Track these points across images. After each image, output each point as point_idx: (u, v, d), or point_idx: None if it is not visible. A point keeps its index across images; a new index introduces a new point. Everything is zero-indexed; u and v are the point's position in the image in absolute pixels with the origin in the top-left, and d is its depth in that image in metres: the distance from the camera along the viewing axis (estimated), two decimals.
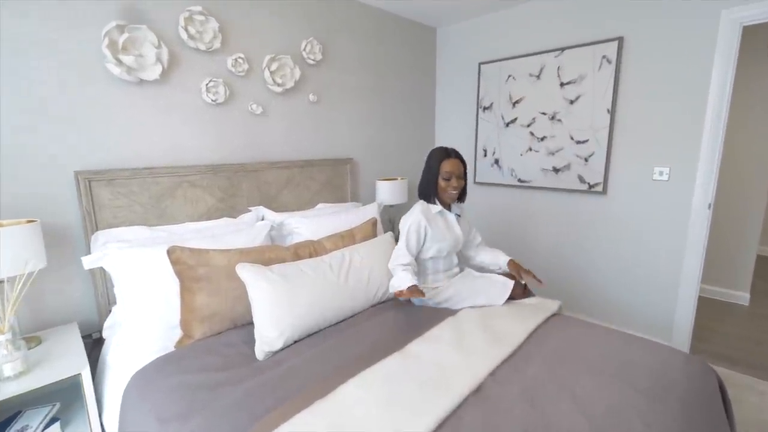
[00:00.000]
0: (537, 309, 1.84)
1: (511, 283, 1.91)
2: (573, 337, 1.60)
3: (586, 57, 2.63)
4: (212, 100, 2.15)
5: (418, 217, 1.93)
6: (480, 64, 3.19)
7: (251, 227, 2.06)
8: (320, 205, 2.66)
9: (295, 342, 1.56)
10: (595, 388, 1.25)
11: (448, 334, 1.56)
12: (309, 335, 1.61)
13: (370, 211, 2.57)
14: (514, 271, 2.02)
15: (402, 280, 1.77)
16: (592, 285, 2.85)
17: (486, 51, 3.16)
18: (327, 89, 2.72)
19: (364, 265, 1.91)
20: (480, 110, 3.24)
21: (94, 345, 1.80)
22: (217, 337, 1.57)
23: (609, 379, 1.30)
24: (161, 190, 1.99)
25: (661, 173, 2.45)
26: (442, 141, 3.56)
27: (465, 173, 2.00)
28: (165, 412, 1.16)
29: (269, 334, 1.49)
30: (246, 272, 1.55)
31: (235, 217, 2.23)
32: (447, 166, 1.93)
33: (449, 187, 1.94)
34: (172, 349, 1.54)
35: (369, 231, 2.30)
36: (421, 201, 2.01)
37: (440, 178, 1.95)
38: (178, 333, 1.60)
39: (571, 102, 2.73)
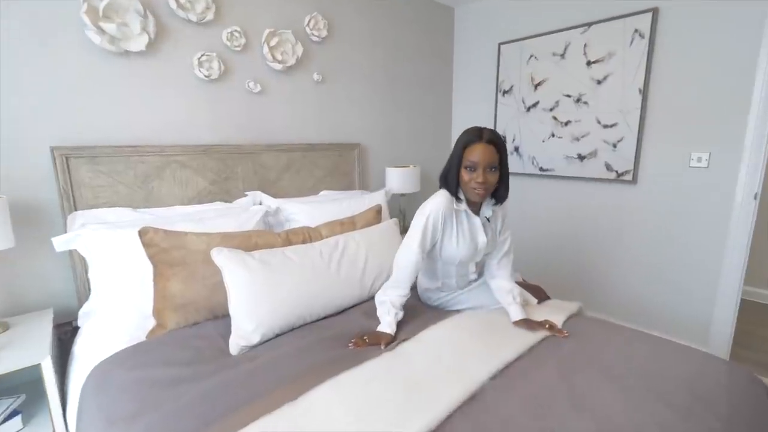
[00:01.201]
0: (553, 309, 1.63)
1: (534, 300, 1.71)
2: (593, 340, 1.39)
3: (615, 32, 2.38)
4: (205, 76, 2.02)
5: (438, 207, 1.48)
6: (500, 44, 2.96)
7: (243, 212, 1.92)
8: (324, 193, 2.50)
9: (277, 336, 1.41)
10: (616, 400, 1.05)
11: (446, 334, 1.39)
12: (292, 329, 1.46)
13: (377, 199, 2.40)
14: (527, 329, 1.49)
15: (383, 324, 1.44)
16: (619, 284, 2.60)
17: (506, 30, 2.92)
18: (333, 69, 2.56)
19: (360, 253, 1.74)
20: (499, 94, 3.01)
21: (73, 333, 1.70)
22: (192, 328, 1.44)
23: (634, 391, 1.09)
24: (148, 169, 1.87)
25: (699, 159, 2.18)
26: (459, 127, 3.34)
27: (503, 164, 1.44)
28: (115, 412, 1.03)
29: (245, 327, 1.34)
30: (222, 257, 1.40)
31: (230, 202, 2.10)
32: (473, 153, 1.39)
33: (472, 181, 1.41)
34: (143, 339, 1.41)
35: (372, 218, 2.13)
36: (444, 192, 1.52)
37: (462, 167, 1.44)
38: (152, 323, 1.47)
39: (599, 82, 2.48)
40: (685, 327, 2.35)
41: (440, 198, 1.49)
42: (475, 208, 1.57)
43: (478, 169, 1.40)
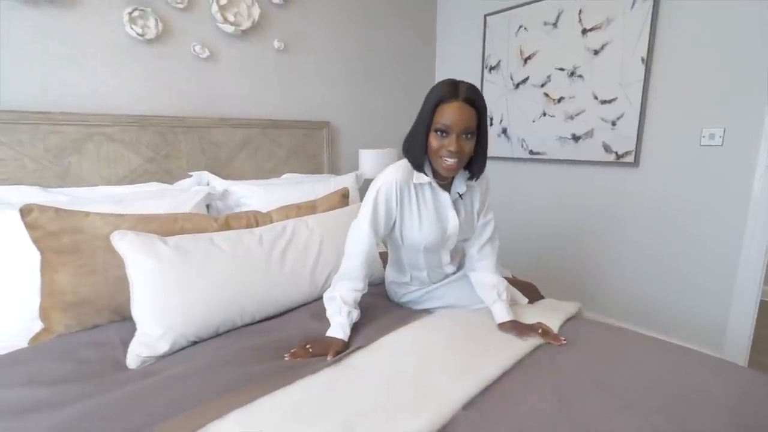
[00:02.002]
0: (547, 311, 1.34)
1: (524, 300, 1.43)
2: (596, 350, 1.11)
3: None
4: (139, 35, 1.71)
5: (392, 179, 1.21)
6: (486, 15, 2.68)
7: (180, 193, 1.62)
8: (287, 176, 2.20)
9: (193, 344, 1.11)
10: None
11: (412, 342, 1.10)
12: (216, 335, 1.15)
13: (345, 182, 2.10)
14: (515, 334, 1.20)
15: (333, 326, 1.15)
16: (620, 281, 2.32)
17: (492, 0, 2.64)
18: (298, 37, 2.25)
19: (312, 241, 1.45)
20: (485, 70, 2.73)
21: None
22: (88, 333, 1.13)
23: (655, 417, 0.81)
24: (63, 142, 1.56)
25: (712, 136, 1.91)
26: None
27: (481, 129, 1.16)
28: None
29: (151, 332, 1.04)
30: (125, 242, 1.10)
31: (170, 183, 1.79)
32: (445, 114, 1.10)
33: (443, 149, 1.13)
34: (24, 346, 1.10)
35: (336, 203, 1.83)
36: (405, 162, 1.26)
37: (432, 131, 1.15)
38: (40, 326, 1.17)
39: (596, 52, 2.21)
40: (697, 330, 2.07)
41: (394, 169, 1.23)
42: (445, 181, 1.28)
43: (452, 134, 1.11)
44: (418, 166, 1.22)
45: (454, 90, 1.12)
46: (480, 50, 2.75)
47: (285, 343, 1.12)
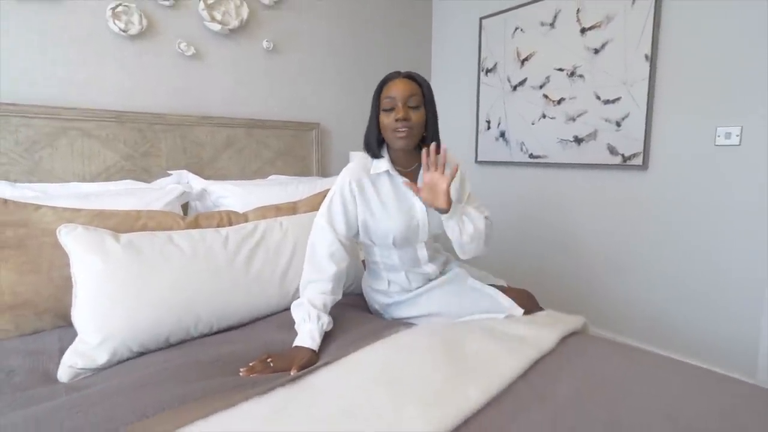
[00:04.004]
0: (546, 323, 1.18)
1: (519, 311, 1.25)
2: (604, 374, 0.95)
3: None
4: (122, 30, 1.68)
5: (346, 174, 1.23)
6: (481, 18, 2.61)
7: (152, 191, 1.55)
8: (273, 177, 2.12)
9: (139, 355, 1.01)
10: None
11: (382, 361, 0.94)
12: (167, 347, 1.05)
13: (332, 184, 2.00)
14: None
15: (300, 334, 1.06)
16: (628, 294, 2.15)
17: (488, 2, 2.57)
18: (287, 37, 2.21)
19: (285, 244, 1.35)
20: (482, 73, 2.65)
21: None
22: (24, 338, 1.04)
23: None
24: (34, 135, 1.52)
25: (728, 136, 1.76)
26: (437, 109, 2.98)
27: (428, 103, 1.22)
28: None
29: (89, 340, 0.95)
30: (71, 237, 1.02)
31: (148, 182, 1.73)
32: (389, 89, 1.18)
33: (392, 121, 1.16)
34: None
35: (319, 204, 1.71)
36: (359, 159, 1.30)
37: (381, 111, 1.20)
38: None
39: (596, 51, 2.11)
40: (723, 351, 1.83)
41: (347, 168, 1.27)
42: (407, 169, 1.28)
43: (398, 104, 1.17)
44: (374, 154, 1.25)
45: (395, 73, 1.23)
46: (476, 52, 2.67)
47: (243, 356, 1.00)
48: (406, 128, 1.16)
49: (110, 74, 1.70)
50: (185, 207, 1.71)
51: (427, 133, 1.24)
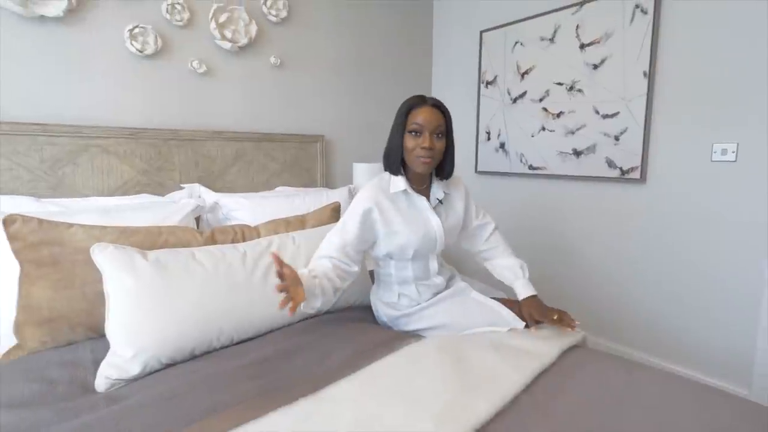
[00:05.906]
0: (547, 337, 1.24)
1: (520, 324, 1.31)
2: (604, 387, 1.00)
3: (612, 9, 2.08)
4: (138, 50, 1.76)
5: (367, 196, 1.29)
6: (482, 32, 2.68)
7: (168, 205, 1.62)
8: (280, 189, 2.20)
9: (166, 367, 1.08)
10: None
11: (396, 375, 0.99)
12: (192, 358, 1.12)
13: (338, 196, 2.09)
14: (535, 312, 1.31)
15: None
16: (627, 305, 2.21)
17: (488, 16, 2.64)
18: (294, 53, 2.28)
19: (299, 258, 1.42)
20: (482, 85, 2.72)
21: None
22: (60, 351, 1.12)
23: None
24: (59, 153, 1.60)
25: (724, 152, 1.82)
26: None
27: (449, 132, 1.32)
28: None
29: (123, 353, 1.02)
30: (104, 256, 1.09)
31: (162, 195, 1.80)
32: (417, 116, 1.25)
33: (418, 147, 1.25)
34: None
35: (327, 217, 1.82)
36: (382, 175, 1.37)
37: (407, 133, 1.27)
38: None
39: (595, 67, 2.18)
40: (720, 362, 1.89)
41: (367, 189, 1.32)
42: (421, 187, 1.38)
43: (425, 132, 1.25)
44: (395, 172, 1.32)
45: (422, 99, 1.30)
46: (476, 65, 2.74)
47: (260, 364, 1.07)
48: (430, 156, 1.25)
49: (128, 93, 1.78)
50: (197, 218, 1.78)
51: (445, 160, 1.35)
